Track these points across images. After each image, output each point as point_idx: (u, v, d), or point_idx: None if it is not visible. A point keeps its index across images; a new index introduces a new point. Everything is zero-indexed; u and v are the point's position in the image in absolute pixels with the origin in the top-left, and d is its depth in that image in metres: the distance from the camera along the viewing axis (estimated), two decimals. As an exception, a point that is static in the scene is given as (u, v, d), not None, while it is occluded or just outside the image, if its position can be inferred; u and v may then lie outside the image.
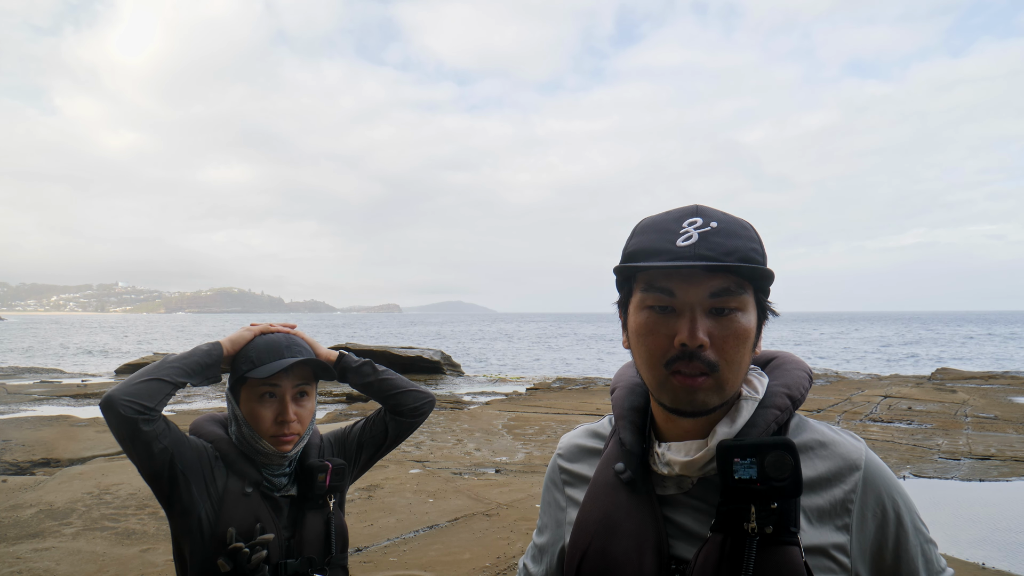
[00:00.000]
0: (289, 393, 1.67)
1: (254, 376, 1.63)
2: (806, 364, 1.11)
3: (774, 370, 1.09)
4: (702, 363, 0.94)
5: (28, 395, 15.86)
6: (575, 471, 1.16)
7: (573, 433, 1.22)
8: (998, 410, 12.46)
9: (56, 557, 4.64)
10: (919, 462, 8.11)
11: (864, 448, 1.01)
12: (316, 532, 1.70)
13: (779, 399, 1.02)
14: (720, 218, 0.98)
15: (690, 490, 1.01)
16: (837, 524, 0.96)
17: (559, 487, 1.18)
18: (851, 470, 0.98)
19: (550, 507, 1.19)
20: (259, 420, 1.66)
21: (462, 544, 5.05)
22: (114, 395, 1.52)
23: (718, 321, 0.95)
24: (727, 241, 0.95)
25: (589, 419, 11.69)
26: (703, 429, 1.01)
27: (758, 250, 0.98)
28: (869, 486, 0.98)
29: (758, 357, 1.13)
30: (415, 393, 1.89)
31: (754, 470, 0.91)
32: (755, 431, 0.98)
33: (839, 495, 0.97)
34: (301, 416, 1.69)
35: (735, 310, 0.95)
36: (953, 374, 21.22)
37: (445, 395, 16.49)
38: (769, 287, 0.99)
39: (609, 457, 1.09)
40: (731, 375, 0.96)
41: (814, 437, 1.02)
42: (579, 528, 1.06)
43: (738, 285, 0.95)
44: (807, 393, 1.06)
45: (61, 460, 8.22)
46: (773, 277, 0.98)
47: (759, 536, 0.91)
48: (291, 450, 1.69)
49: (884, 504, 0.98)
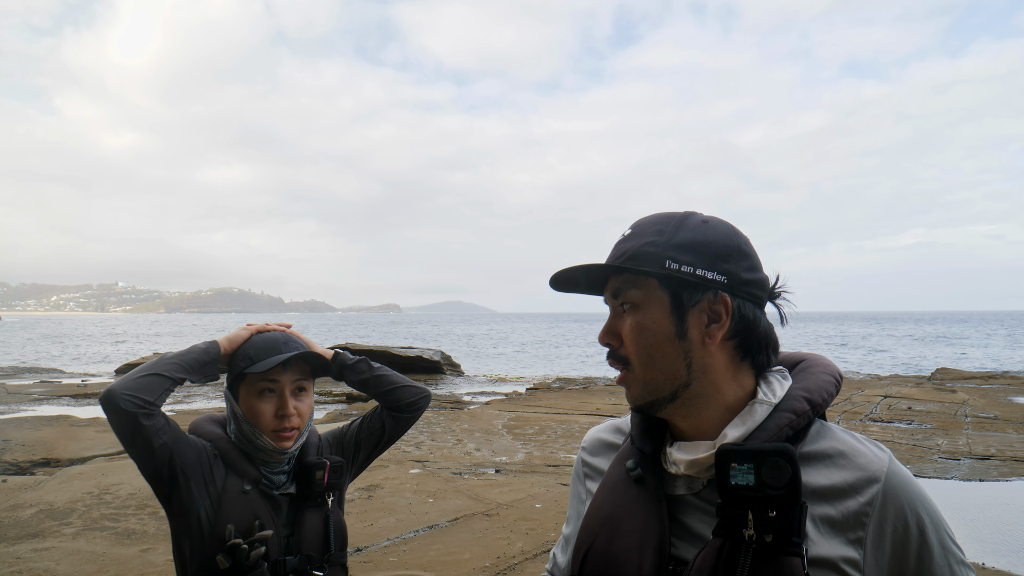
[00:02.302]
0: (288, 388, 1.69)
1: (253, 371, 1.64)
2: (836, 367, 1.06)
3: (799, 373, 1.06)
4: (616, 360, 1.03)
5: (28, 395, 15.86)
6: (595, 464, 1.17)
7: (599, 427, 1.23)
8: (998, 410, 12.46)
9: (56, 557, 4.64)
10: (919, 462, 8.11)
11: (888, 459, 0.96)
12: (315, 530, 1.71)
13: (796, 403, 0.98)
14: (638, 224, 1.05)
15: (700, 492, 1.00)
16: (849, 537, 0.92)
17: (581, 480, 1.19)
18: (869, 482, 0.94)
19: (574, 499, 1.20)
20: (259, 415, 1.67)
21: (462, 544, 5.05)
22: (114, 389, 1.54)
23: (621, 319, 1.03)
24: (624, 244, 1.03)
25: (589, 419, 11.70)
26: (711, 430, 1.00)
27: (654, 242, 1.00)
28: (890, 499, 0.93)
29: (788, 359, 1.10)
30: (411, 389, 1.90)
31: (751, 476, 0.89)
32: (764, 435, 0.95)
33: (853, 507, 0.92)
34: (300, 410, 1.71)
35: (630, 305, 1.01)
36: (953, 374, 21.22)
37: (445, 395, 16.49)
38: (679, 274, 0.97)
39: (623, 453, 1.09)
40: (644, 368, 1.00)
41: (833, 445, 0.98)
42: (587, 521, 1.07)
43: (627, 283, 1.01)
44: (831, 399, 1.01)
45: (61, 460, 8.22)
46: (677, 261, 0.98)
47: (757, 544, 0.89)
48: (291, 446, 1.70)
49: (907, 519, 0.93)
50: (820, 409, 0.99)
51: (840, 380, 1.05)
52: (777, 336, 1.05)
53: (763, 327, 1.02)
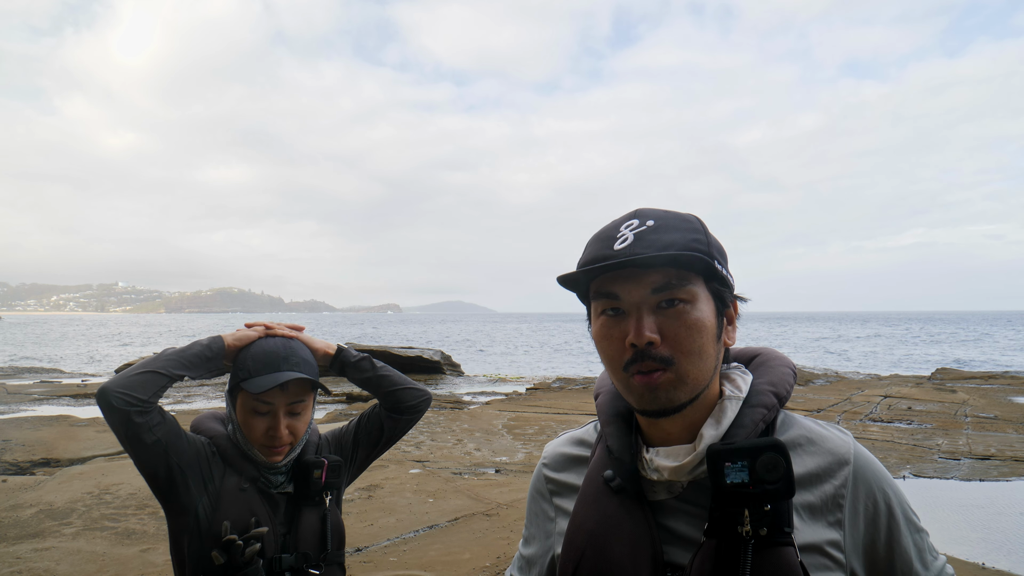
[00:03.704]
0: (282, 409, 1.66)
1: (248, 389, 1.62)
2: (790, 360, 1.10)
3: (758, 367, 1.08)
4: (655, 360, 0.94)
5: (28, 395, 15.86)
6: (562, 480, 1.13)
7: (557, 442, 1.20)
8: (998, 410, 12.46)
9: (56, 557, 4.64)
10: (919, 462, 8.11)
11: (852, 441, 1.00)
12: (312, 528, 1.71)
13: (765, 397, 1.00)
14: (658, 216, 0.99)
15: (681, 494, 0.99)
16: (830, 520, 0.95)
17: (546, 497, 1.15)
18: (840, 465, 0.97)
19: (537, 517, 1.17)
20: (251, 430, 1.66)
21: (462, 544, 5.05)
22: (108, 387, 1.54)
23: (667, 316, 0.95)
24: (663, 236, 0.96)
25: (589, 419, 11.67)
26: (687, 432, 1.00)
27: (700, 240, 0.97)
28: (860, 480, 0.97)
29: (741, 354, 1.13)
30: (413, 391, 1.89)
31: (745, 473, 0.90)
32: (742, 432, 0.96)
33: (830, 491, 0.96)
34: (294, 429, 1.69)
35: (682, 302, 0.95)
36: (953, 374, 21.22)
37: (445, 395, 16.49)
38: (722, 275, 0.98)
39: (597, 465, 1.06)
40: (691, 367, 0.95)
41: (801, 433, 1.01)
42: (571, 538, 1.04)
43: (680, 278, 0.95)
44: (792, 390, 1.04)
45: (61, 460, 8.21)
46: (719, 263, 0.98)
47: (754, 539, 0.90)
48: (281, 460, 1.69)
49: (875, 497, 0.97)
50: (784, 401, 1.02)
51: (796, 372, 1.09)
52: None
53: None
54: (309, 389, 1.71)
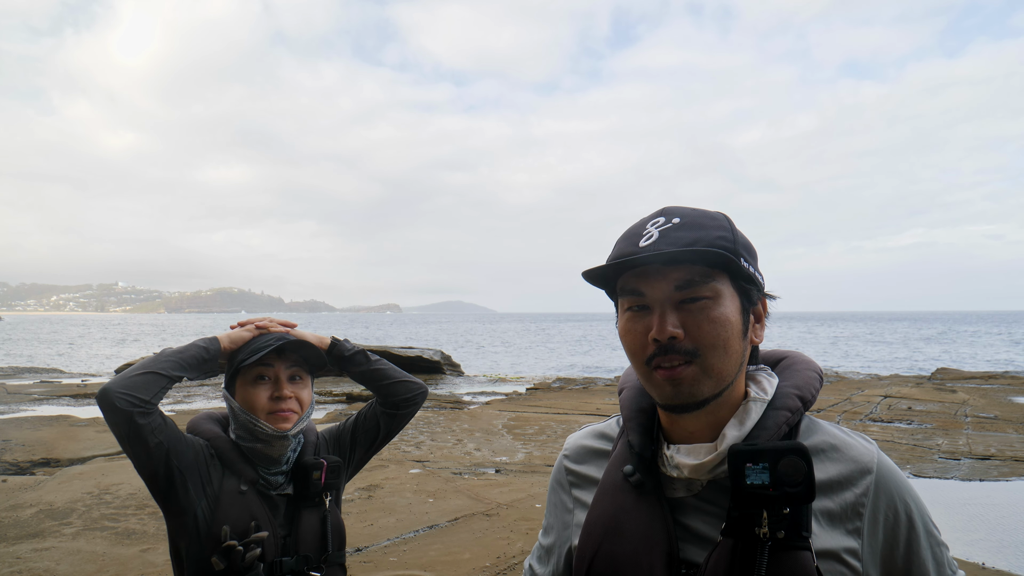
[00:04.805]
0: (283, 374, 1.69)
1: (247, 361, 1.65)
2: (817, 364, 1.10)
3: (784, 370, 1.08)
4: (679, 353, 0.95)
5: (28, 395, 15.86)
6: (582, 472, 1.14)
7: (579, 434, 1.20)
8: (998, 410, 12.46)
9: (56, 557, 4.64)
10: (919, 462, 8.11)
11: (876, 451, 1.00)
12: (312, 530, 1.70)
13: (790, 400, 1.01)
14: (684, 213, 1.00)
15: (699, 493, 1.00)
16: (848, 528, 0.95)
17: (566, 488, 1.16)
18: (863, 473, 0.97)
19: (556, 508, 1.18)
20: (254, 401, 1.66)
21: (462, 544, 5.04)
22: (109, 388, 1.54)
23: (690, 311, 0.96)
24: (688, 234, 0.96)
25: (589, 419, 11.69)
26: (710, 430, 1.00)
27: (727, 237, 0.98)
28: (881, 489, 0.96)
29: (768, 356, 1.12)
30: (408, 383, 1.90)
31: (767, 475, 0.90)
32: (765, 434, 0.97)
33: (850, 499, 0.95)
34: (298, 395, 1.70)
35: (705, 298, 0.95)
36: (953, 374, 21.21)
37: (445, 395, 16.48)
38: (748, 273, 0.98)
39: (618, 459, 1.08)
40: (716, 360, 0.95)
41: (825, 439, 1.00)
42: (588, 531, 1.05)
43: (703, 275, 0.95)
44: (818, 394, 1.04)
45: (61, 460, 8.21)
46: (746, 261, 0.98)
47: (771, 541, 0.90)
48: (291, 429, 1.68)
49: (896, 507, 0.97)
50: (809, 405, 1.02)
51: (822, 377, 1.08)
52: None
53: None
54: (304, 363, 1.73)
